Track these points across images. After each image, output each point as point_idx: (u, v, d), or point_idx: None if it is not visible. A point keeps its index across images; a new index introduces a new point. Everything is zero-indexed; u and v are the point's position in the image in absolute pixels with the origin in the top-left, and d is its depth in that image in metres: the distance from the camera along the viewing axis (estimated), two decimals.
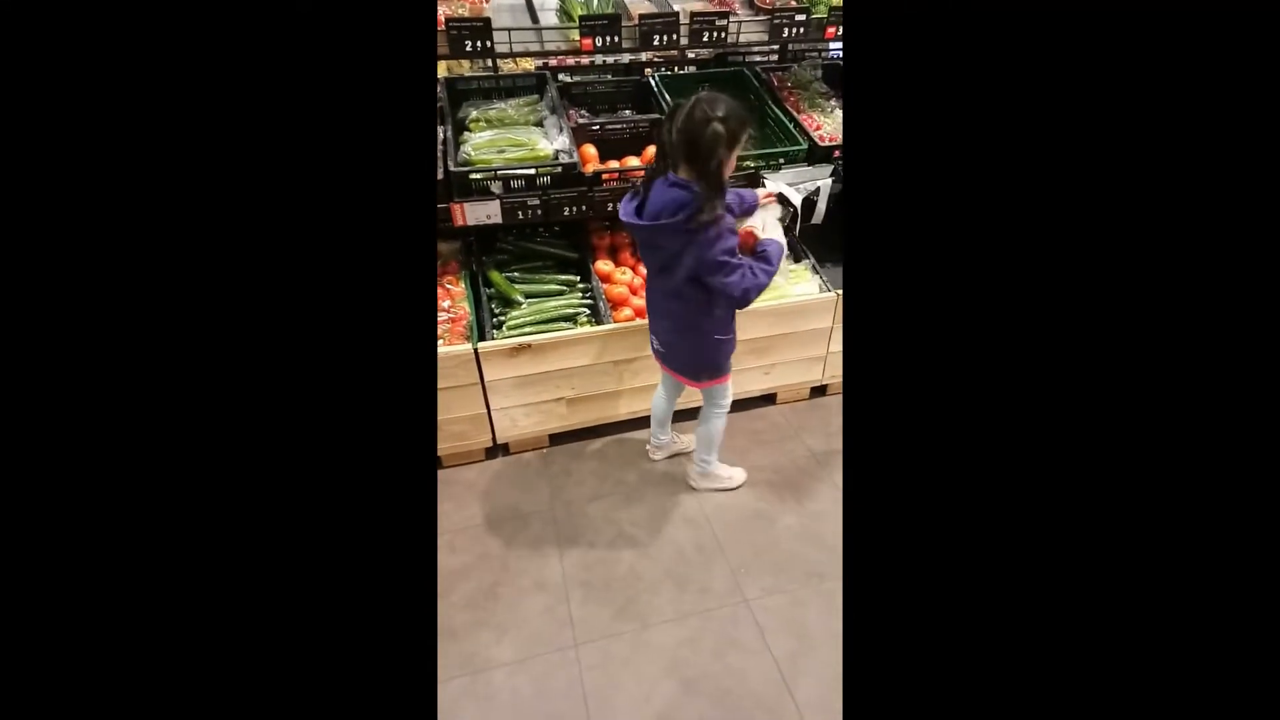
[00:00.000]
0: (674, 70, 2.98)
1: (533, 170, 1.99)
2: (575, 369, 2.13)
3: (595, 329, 2.10)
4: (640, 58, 2.98)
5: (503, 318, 2.13)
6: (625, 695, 1.61)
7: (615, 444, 2.32)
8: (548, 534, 2.01)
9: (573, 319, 2.15)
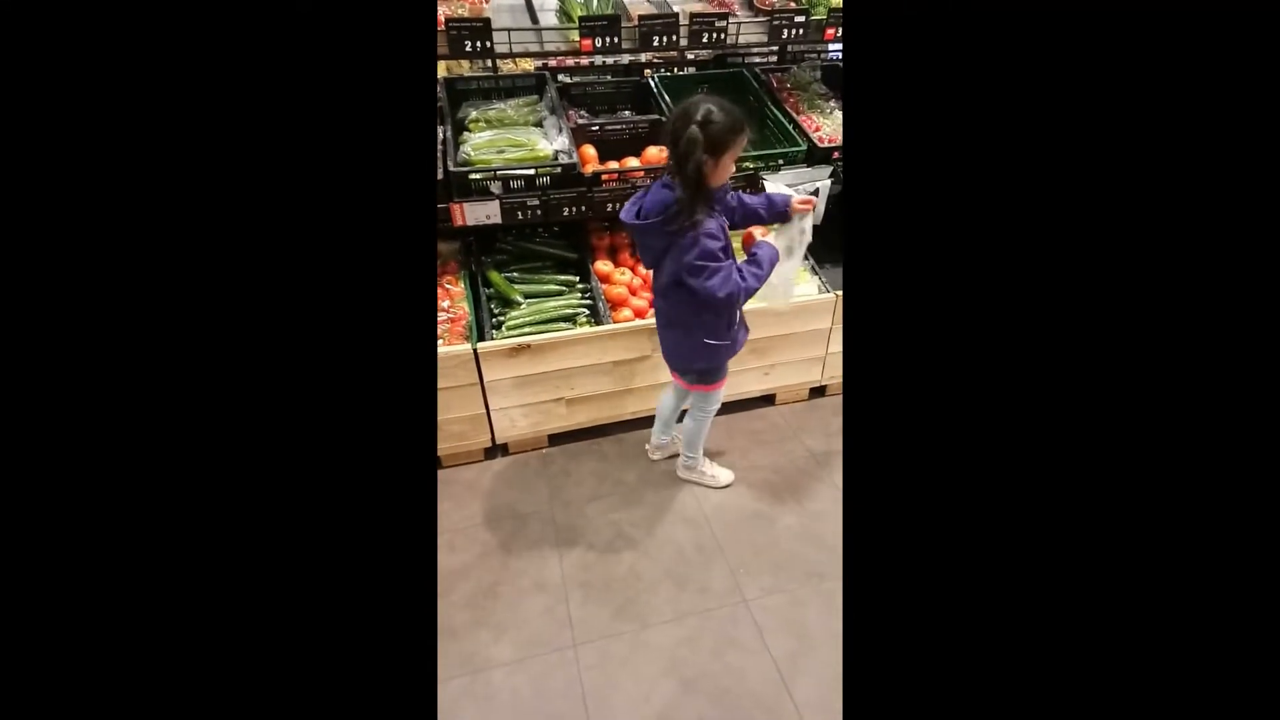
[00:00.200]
0: (673, 71, 2.99)
1: (532, 171, 1.99)
2: (574, 369, 2.14)
3: (594, 329, 2.11)
4: (640, 58, 2.98)
5: (502, 318, 2.13)
6: (624, 695, 1.61)
7: (614, 444, 2.32)
8: (547, 534, 2.01)
9: (572, 319, 2.16)
